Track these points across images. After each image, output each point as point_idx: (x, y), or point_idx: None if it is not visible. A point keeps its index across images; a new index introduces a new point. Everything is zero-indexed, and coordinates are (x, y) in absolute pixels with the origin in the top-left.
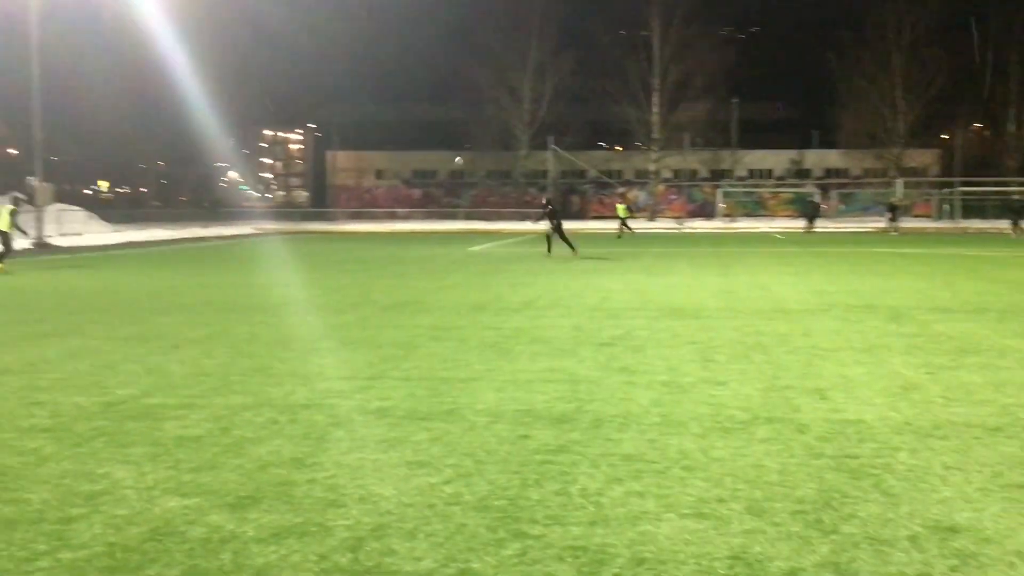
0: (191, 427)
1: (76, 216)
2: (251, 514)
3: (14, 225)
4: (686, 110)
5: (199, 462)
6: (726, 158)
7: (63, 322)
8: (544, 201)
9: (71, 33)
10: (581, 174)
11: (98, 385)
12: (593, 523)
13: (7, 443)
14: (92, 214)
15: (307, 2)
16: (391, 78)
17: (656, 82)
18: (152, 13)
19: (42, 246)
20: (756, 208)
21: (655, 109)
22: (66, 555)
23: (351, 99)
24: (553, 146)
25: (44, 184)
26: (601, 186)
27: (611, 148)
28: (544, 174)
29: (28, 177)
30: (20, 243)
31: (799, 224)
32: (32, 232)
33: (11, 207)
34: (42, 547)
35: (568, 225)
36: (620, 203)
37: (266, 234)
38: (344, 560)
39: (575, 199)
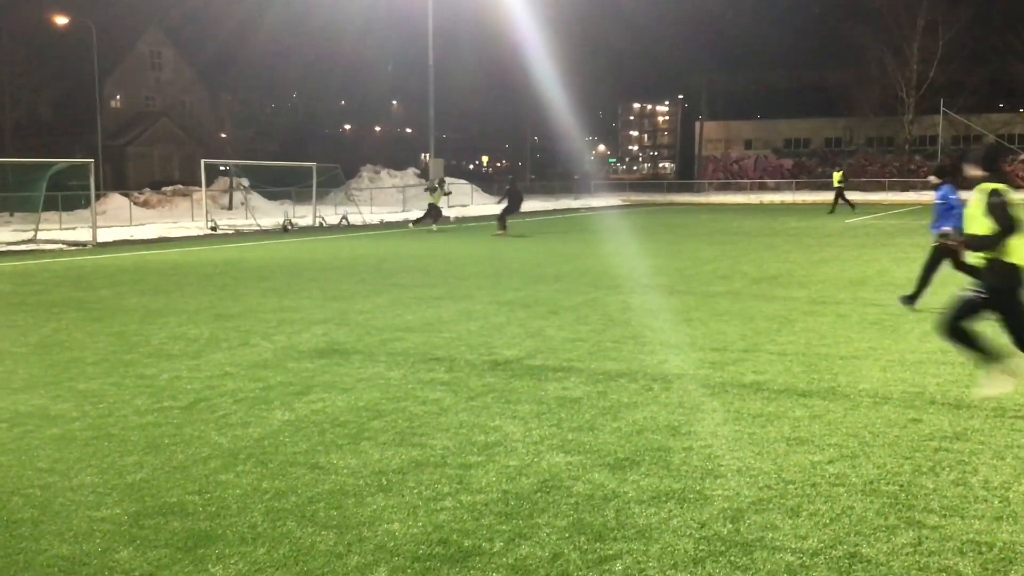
0: (571, 389)
1: (462, 189)
2: (631, 476)
3: (440, 196)
4: None
5: (579, 422)
6: None
7: (455, 287)
8: (508, 185)
9: (446, 23)
10: (977, 140)
11: (486, 345)
12: (999, 518)
13: (412, 393)
14: (475, 187)
15: None
16: (762, 43)
17: None
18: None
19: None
20: None
21: None
22: (466, 498)
23: (721, 67)
24: (944, 109)
25: (436, 160)
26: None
27: (1014, 110)
28: (933, 140)
29: (424, 154)
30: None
31: None
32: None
33: (440, 178)
34: (446, 489)
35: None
36: (837, 172)
37: (633, 206)
38: (724, 530)
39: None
